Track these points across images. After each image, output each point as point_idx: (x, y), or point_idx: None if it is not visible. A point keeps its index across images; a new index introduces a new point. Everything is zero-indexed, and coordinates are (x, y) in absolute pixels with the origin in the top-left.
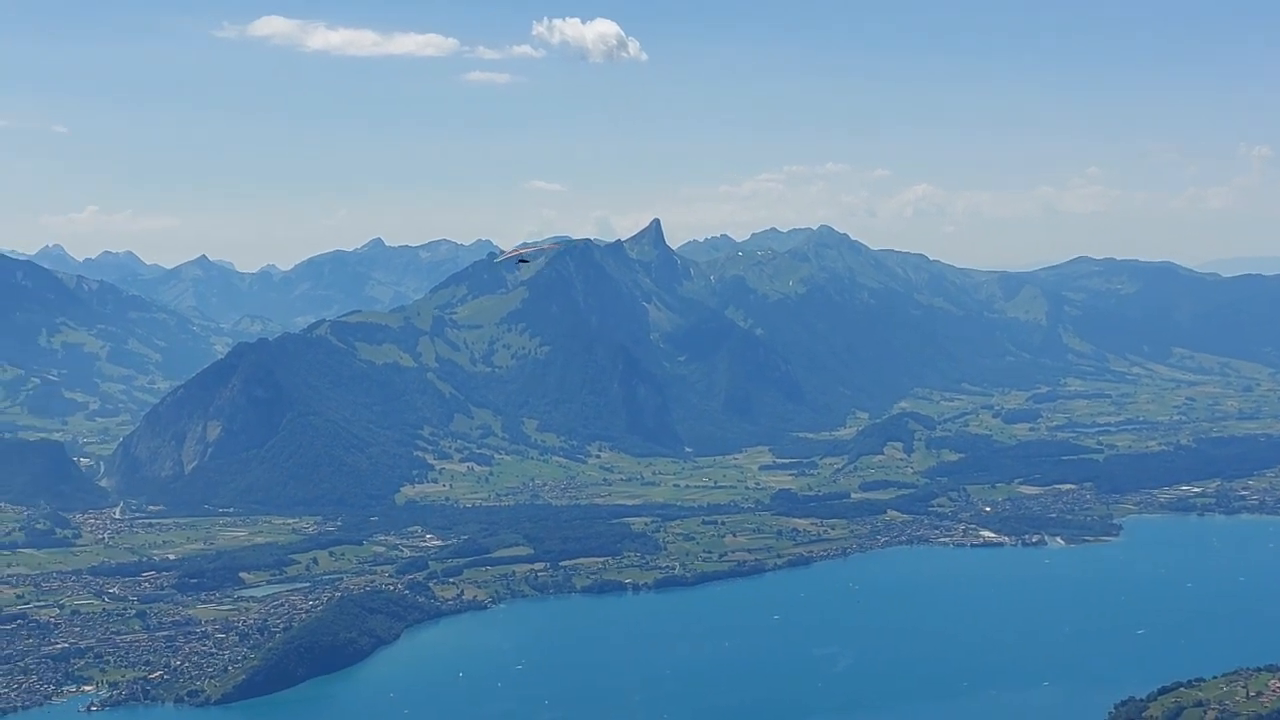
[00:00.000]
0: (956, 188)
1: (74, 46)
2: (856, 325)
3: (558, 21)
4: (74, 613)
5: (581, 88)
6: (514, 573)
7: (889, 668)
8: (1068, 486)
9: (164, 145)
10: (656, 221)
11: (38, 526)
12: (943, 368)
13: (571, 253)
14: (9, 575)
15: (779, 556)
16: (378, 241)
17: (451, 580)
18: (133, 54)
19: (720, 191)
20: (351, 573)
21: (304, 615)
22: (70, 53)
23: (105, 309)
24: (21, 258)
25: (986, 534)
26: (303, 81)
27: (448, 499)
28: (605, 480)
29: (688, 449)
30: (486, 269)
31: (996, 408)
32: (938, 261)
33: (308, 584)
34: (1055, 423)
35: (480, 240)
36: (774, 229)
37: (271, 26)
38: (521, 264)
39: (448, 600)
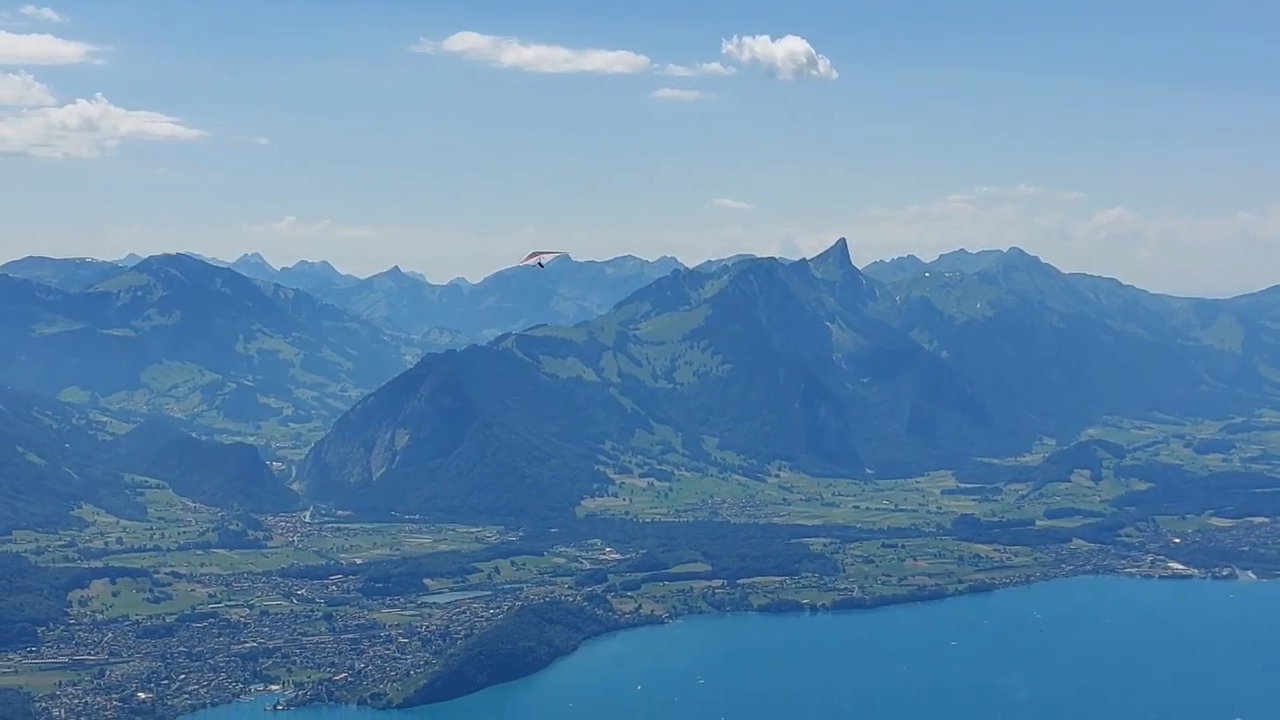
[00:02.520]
0: (1151, 212)
1: (277, 62)
2: (1045, 350)
3: (748, 39)
4: (263, 613)
5: (770, 106)
6: (691, 589)
7: (1072, 699)
8: (1261, 519)
9: (360, 158)
10: (842, 241)
11: (230, 528)
12: (1134, 395)
13: (756, 271)
14: (202, 574)
15: (960, 582)
16: (564, 257)
17: (629, 594)
18: (332, 69)
19: (908, 212)
20: (532, 583)
21: (485, 623)
22: (273, 68)
23: (300, 317)
24: (221, 265)
25: (1175, 566)
26: (495, 97)
27: (627, 513)
28: (784, 500)
29: (869, 471)
30: (670, 285)
31: (1188, 437)
32: (1131, 286)
33: (489, 592)
34: (1249, 454)
35: (665, 257)
36: (962, 250)
37: (466, 42)
38: (539, 265)
39: (625, 614)
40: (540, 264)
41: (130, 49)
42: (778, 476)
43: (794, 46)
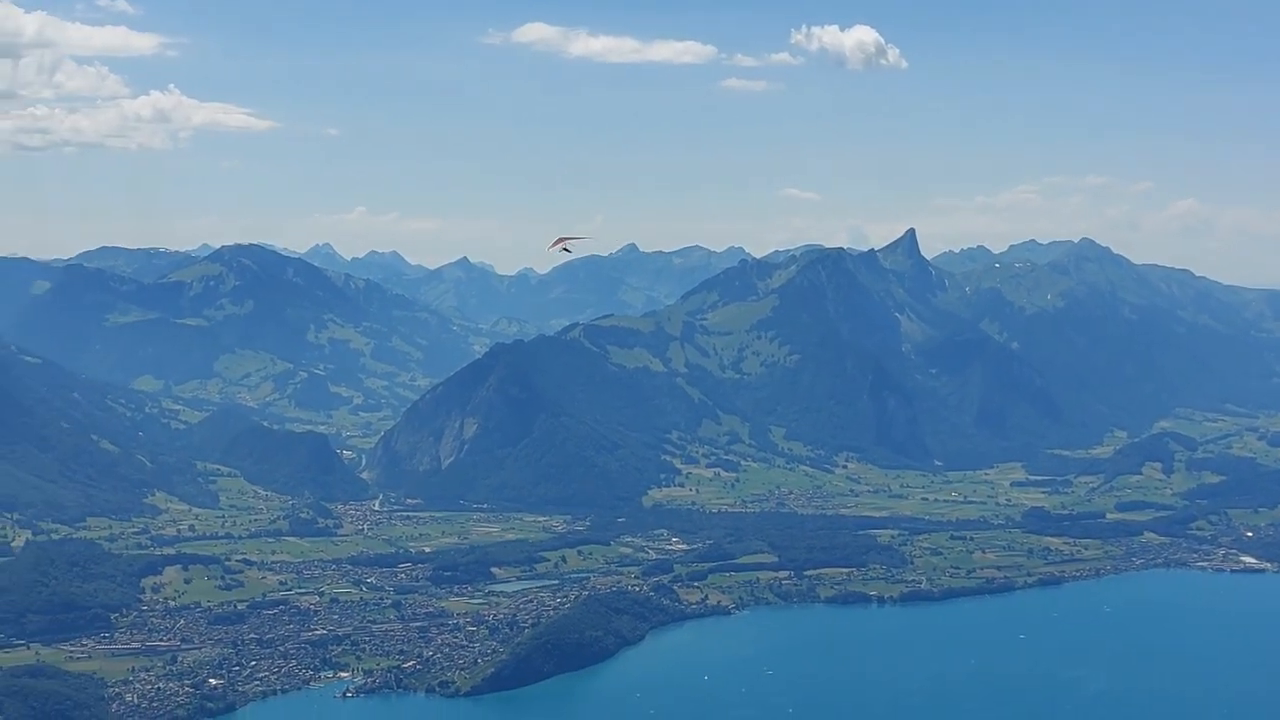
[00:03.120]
0: (1223, 202)
1: (347, 53)
2: (1117, 341)
3: (816, 29)
4: (333, 600)
5: (839, 95)
6: (758, 579)
7: (1142, 694)
8: None
9: (429, 149)
10: (911, 231)
11: (301, 515)
12: (1206, 387)
13: (824, 261)
14: (273, 562)
15: (1029, 575)
16: (632, 247)
17: (696, 584)
18: (402, 60)
19: (977, 202)
20: (599, 572)
21: (552, 612)
22: (342, 59)
23: (371, 307)
24: (293, 255)
25: (1248, 559)
26: (563, 87)
27: (694, 503)
28: (852, 491)
29: (937, 462)
30: (738, 275)
31: (1262, 430)
32: (1203, 278)
33: (556, 581)
34: None
35: (732, 247)
36: (1033, 241)
37: (535, 33)
38: (565, 251)
39: (692, 604)
40: (567, 249)
41: (203, 41)
42: (845, 468)
43: (863, 36)
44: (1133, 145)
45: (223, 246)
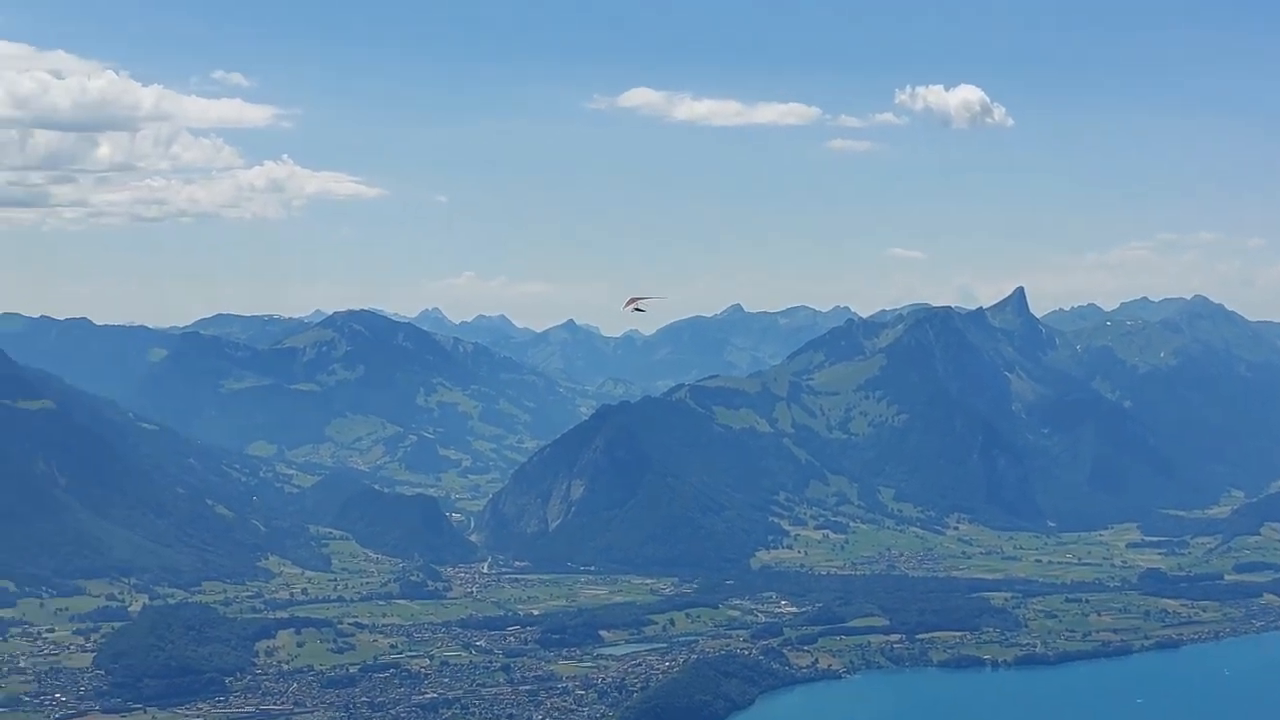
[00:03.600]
0: None
1: (454, 121)
2: (1232, 399)
3: (921, 89)
4: (443, 664)
5: (944, 154)
6: (869, 643)
7: None
8: None
9: (536, 213)
10: (1020, 289)
11: (411, 578)
12: None
13: (932, 320)
14: (384, 625)
15: (1146, 638)
16: (737, 307)
17: (806, 648)
18: (508, 126)
19: (1087, 259)
20: (707, 635)
21: (661, 676)
22: (449, 127)
23: (479, 370)
24: (403, 320)
25: None
26: (667, 151)
27: (802, 565)
28: (964, 553)
29: (1050, 523)
30: (844, 335)
31: None
32: None
33: (664, 644)
34: None
35: (838, 307)
36: (1144, 298)
37: (640, 98)
38: (638, 311)
39: (802, 668)
40: (639, 309)
41: (315, 111)
42: (956, 529)
43: (968, 95)
44: (1245, 201)
45: (334, 312)
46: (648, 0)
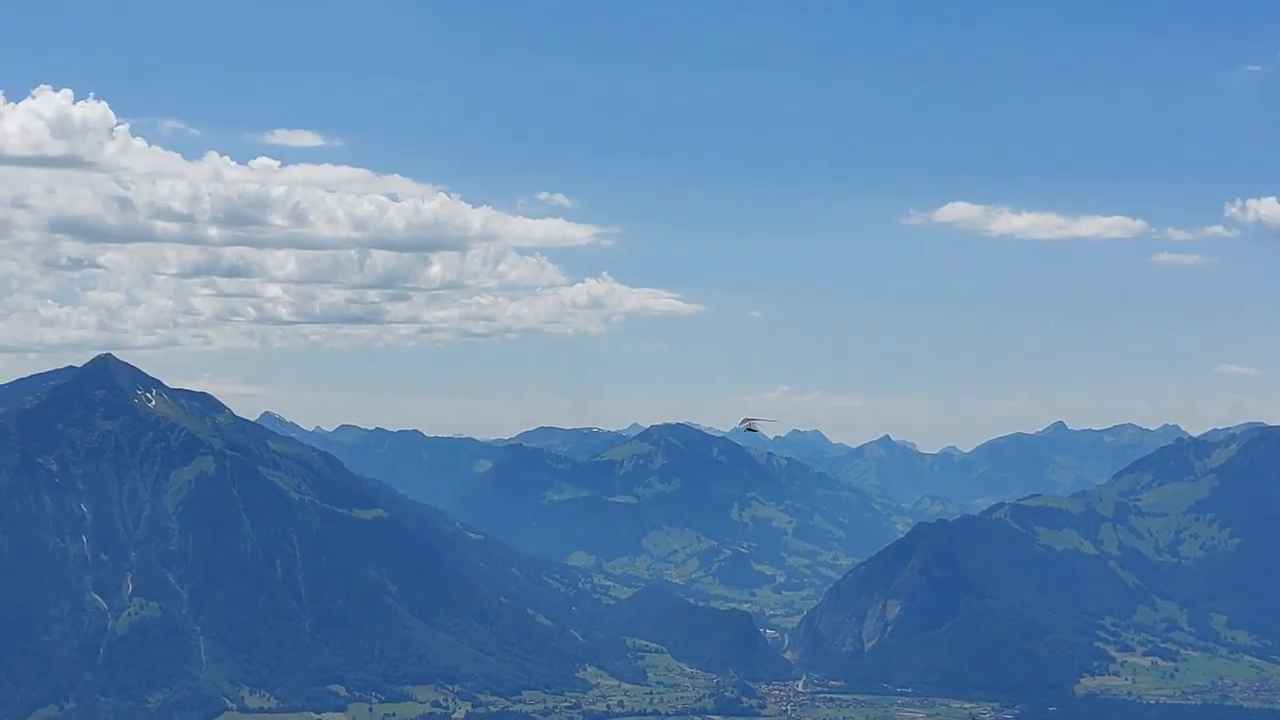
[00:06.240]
0: None
1: (767, 237)
2: None
3: (1252, 201)
4: None
5: (1278, 268)
6: None
7: None
8: None
9: (851, 328)
10: None
11: (725, 694)
12: None
13: (1267, 439)
14: None
15: None
16: (1059, 425)
17: None
18: (823, 242)
19: None
20: None
21: None
22: (764, 243)
23: (793, 485)
24: (718, 434)
25: None
26: (986, 265)
27: (1129, 694)
28: None
29: None
30: (1174, 455)
31: None
32: None
33: None
34: None
35: (1167, 425)
36: None
37: (957, 212)
38: (750, 431)
39: None
40: (753, 429)
41: (634, 230)
42: None
43: None
44: None
45: (651, 426)
46: (966, 115)
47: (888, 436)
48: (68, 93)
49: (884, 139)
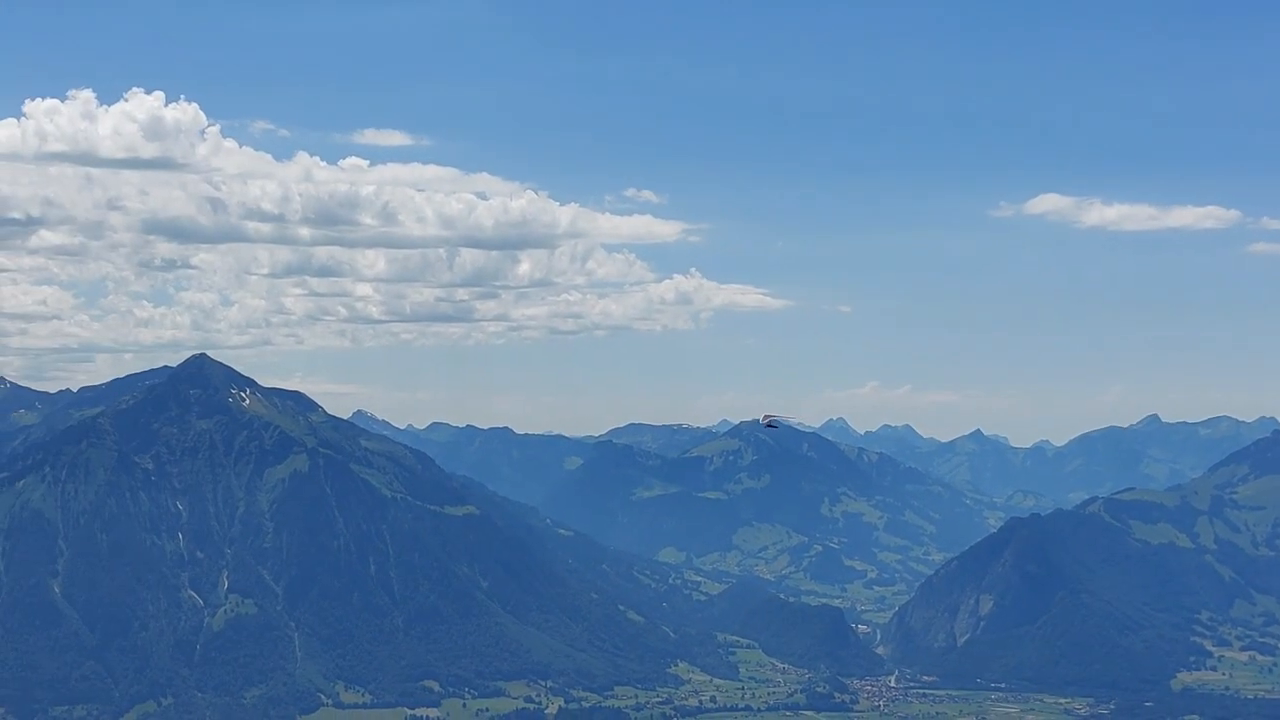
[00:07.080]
0: None
1: (859, 232)
2: None
3: None
4: None
5: None
6: None
7: None
8: None
9: (941, 323)
10: None
11: (818, 690)
12: None
13: None
14: None
15: None
16: (1153, 418)
17: None
18: (913, 236)
19: None
20: None
21: None
22: (853, 237)
23: (884, 480)
24: (807, 430)
25: None
26: (1077, 257)
27: (1227, 688)
28: None
29: None
30: (1270, 447)
31: None
32: None
33: None
34: None
35: (1264, 417)
36: None
37: (1048, 204)
38: (771, 426)
39: None
40: (772, 424)
41: (722, 225)
42: None
43: None
44: None
45: (741, 422)
46: (1056, 106)
47: (979, 431)
48: (160, 95)
49: (973, 131)
